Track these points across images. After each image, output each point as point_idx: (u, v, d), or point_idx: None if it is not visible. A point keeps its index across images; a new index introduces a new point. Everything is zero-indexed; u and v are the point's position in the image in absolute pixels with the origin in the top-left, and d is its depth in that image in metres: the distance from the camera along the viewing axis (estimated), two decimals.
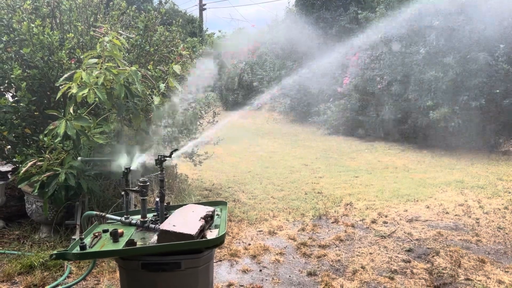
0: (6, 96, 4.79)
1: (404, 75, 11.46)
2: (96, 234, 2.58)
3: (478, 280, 3.86)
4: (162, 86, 4.42)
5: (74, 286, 3.59)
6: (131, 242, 2.40)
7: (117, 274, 3.72)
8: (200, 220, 2.53)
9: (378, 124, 12.49)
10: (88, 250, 2.39)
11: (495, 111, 10.31)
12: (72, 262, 3.91)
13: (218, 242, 2.44)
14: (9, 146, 4.75)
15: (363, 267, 4.09)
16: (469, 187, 7.11)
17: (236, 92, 21.27)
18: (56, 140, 3.79)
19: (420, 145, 11.39)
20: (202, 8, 30.97)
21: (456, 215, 5.72)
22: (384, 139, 12.35)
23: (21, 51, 4.42)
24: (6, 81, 4.73)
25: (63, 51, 4.44)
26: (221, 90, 20.78)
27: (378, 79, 12.48)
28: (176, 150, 2.93)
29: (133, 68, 4.00)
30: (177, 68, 4.44)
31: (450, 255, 4.37)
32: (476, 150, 10.50)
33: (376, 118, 12.52)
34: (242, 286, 3.74)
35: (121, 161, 3.03)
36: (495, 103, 10.17)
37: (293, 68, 17.38)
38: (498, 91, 9.90)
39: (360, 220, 5.48)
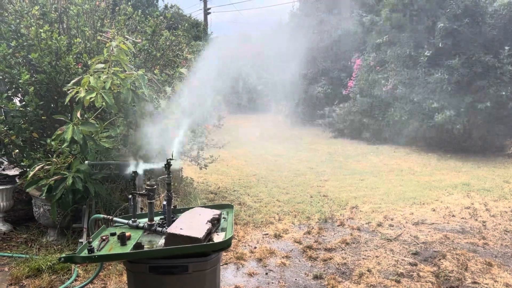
0: (14, 100, 4.84)
1: (409, 77, 11.45)
2: (104, 237, 2.59)
3: (485, 284, 3.84)
4: (168, 89, 4.45)
5: None
6: (138, 245, 2.41)
7: (124, 277, 3.74)
8: (207, 223, 2.54)
9: (383, 127, 12.48)
10: (96, 253, 2.41)
11: (501, 114, 10.27)
12: (79, 265, 3.93)
13: (225, 245, 2.45)
14: (17, 150, 4.80)
15: (369, 270, 4.08)
16: (475, 190, 7.08)
17: (241, 95, 21.29)
18: (63, 146, 3.82)
19: (426, 147, 11.35)
20: (207, 12, 31.09)
21: (462, 218, 5.70)
22: (389, 142, 12.33)
23: (29, 56, 4.46)
24: (14, 86, 4.78)
25: (71, 56, 4.48)
26: (226, 93, 20.79)
27: (383, 81, 12.47)
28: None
29: (140, 72, 4.03)
30: (184, 71, 4.47)
31: (456, 258, 4.36)
32: (482, 153, 10.46)
33: (381, 121, 12.51)
34: None
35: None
36: (501, 105, 10.13)
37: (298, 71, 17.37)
38: (504, 93, 9.86)
39: (366, 223, 5.48)
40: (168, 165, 2.76)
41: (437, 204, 6.33)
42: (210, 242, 2.46)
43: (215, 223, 2.65)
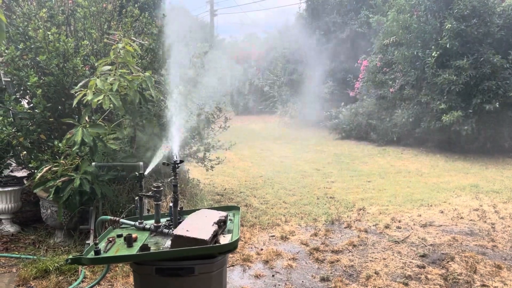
0: (22, 102, 4.87)
1: (416, 78, 11.39)
2: (110, 239, 2.60)
3: (495, 287, 3.79)
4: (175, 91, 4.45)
5: None
6: (145, 247, 2.41)
7: (131, 278, 3.75)
8: (213, 225, 2.53)
9: (391, 128, 12.41)
10: (103, 255, 2.41)
11: (510, 114, 10.18)
12: (86, 266, 3.95)
13: (232, 247, 2.44)
14: (24, 152, 4.83)
15: (376, 273, 4.05)
16: (484, 192, 7.01)
17: (247, 96, 21.33)
18: (74, 148, 3.84)
19: (433, 149, 11.28)
20: (213, 13, 31.18)
21: (471, 220, 5.64)
22: (396, 143, 12.26)
23: (37, 58, 4.50)
24: (22, 88, 4.82)
25: (78, 58, 4.51)
26: (232, 95, 20.85)
27: (390, 82, 12.41)
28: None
29: (147, 73, 4.04)
30: (190, 73, 4.48)
31: (465, 260, 4.31)
32: (491, 154, 10.36)
33: (388, 122, 12.44)
34: None
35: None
36: (510, 106, 10.04)
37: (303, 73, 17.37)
38: None
39: (373, 225, 5.44)
40: (174, 167, 2.75)
41: (445, 206, 6.28)
42: (217, 244, 2.45)
43: (222, 225, 2.64)
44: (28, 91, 4.74)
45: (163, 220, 2.83)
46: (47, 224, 4.80)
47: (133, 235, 2.57)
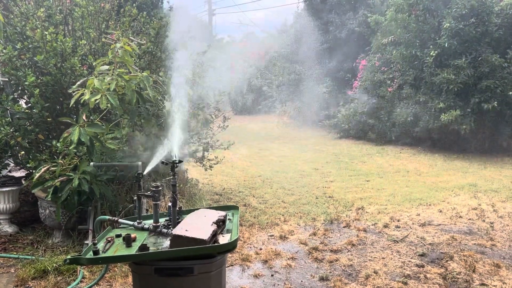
0: (20, 102, 4.86)
1: (415, 78, 11.39)
2: (109, 239, 2.59)
3: (494, 285, 3.80)
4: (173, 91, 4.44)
5: None
6: (144, 247, 2.40)
7: (130, 279, 3.74)
8: (212, 224, 2.53)
9: (389, 128, 12.41)
10: (102, 255, 2.40)
11: (508, 114, 10.19)
12: (85, 266, 3.94)
13: (231, 247, 2.43)
14: (22, 152, 4.81)
15: (375, 272, 4.05)
16: (482, 191, 7.02)
17: (246, 96, 21.31)
18: (70, 147, 3.82)
19: (432, 148, 11.29)
20: (211, 13, 31.17)
21: (469, 219, 5.65)
22: (395, 143, 12.27)
23: (34, 58, 4.48)
24: (20, 88, 4.80)
25: (76, 58, 4.50)
26: (230, 94, 20.83)
27: (388, 82, 12.41)
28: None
29: (145, 73, 4.03)
30: (188, 73, 4.46)
31: (464, 259, 4.32)
32: (489, 153, 10.37)
33: (387, 121, 12.44)
34: None
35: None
36: (508, 105, 10.05)
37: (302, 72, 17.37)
38: (511, 93, 9.78)
39: (372, 225, 5.44)
40: (173, 166, 2.75)
41: (444, 205, 6.28)
42: (216, 244, 2.44)
43: (221, 224, 2.63)
44: (26, 91, 4.72)
45: (162, 220, 2.82)
46: (46, 224, 4.79)
47: (132, 235, 2.56)
